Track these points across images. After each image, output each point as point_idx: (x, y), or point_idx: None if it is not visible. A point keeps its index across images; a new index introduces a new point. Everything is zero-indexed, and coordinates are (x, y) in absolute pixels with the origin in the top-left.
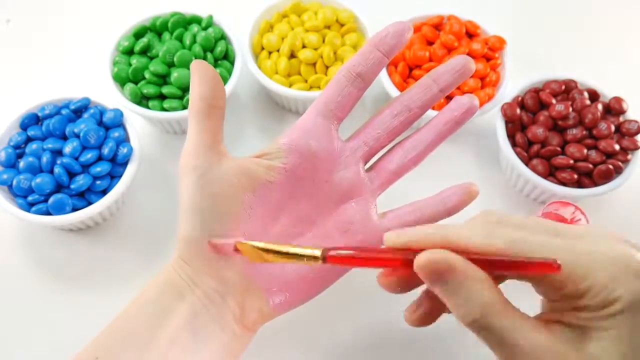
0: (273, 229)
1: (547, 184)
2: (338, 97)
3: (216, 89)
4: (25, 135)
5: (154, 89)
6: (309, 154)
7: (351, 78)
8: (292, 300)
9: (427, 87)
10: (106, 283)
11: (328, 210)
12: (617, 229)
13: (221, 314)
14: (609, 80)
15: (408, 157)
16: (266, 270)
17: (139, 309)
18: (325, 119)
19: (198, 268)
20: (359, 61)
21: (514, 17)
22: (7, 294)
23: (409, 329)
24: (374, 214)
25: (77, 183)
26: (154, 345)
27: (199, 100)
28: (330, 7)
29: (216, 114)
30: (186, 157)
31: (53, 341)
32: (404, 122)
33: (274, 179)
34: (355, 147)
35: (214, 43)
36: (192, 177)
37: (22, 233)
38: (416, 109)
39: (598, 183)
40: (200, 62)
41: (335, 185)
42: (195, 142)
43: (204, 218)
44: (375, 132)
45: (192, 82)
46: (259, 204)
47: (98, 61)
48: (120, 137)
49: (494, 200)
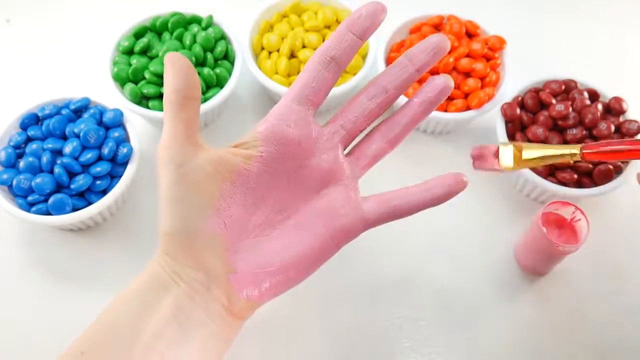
0: (254, 217)
1: (547, 184)
2: (313, 83)
3: (190, 80)
4: (25, 135)
5: (154, 89)
6: (285, 140)
7: (325, 62)
8: (279, 285)
9: (403, 67)
10: (106, 283)
11: (309, 195)
12: (617, 229)
13: (207, 304)
14: (609, 80)
15: (385, 139)
16: (250, 256)
17: (124, 304)
18: (300, 104)
19: (181, 261)
20: (333, 45)
21: (514, 17)
22: (7, 293)
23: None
24: (355, 197)
25: (77, 183)
26: (139, 339)
27: (173, 92)
28: (330, 7)
29: (191, 104)
30: (163, 150)
31: (53, 341)
32: (380, 105)
33: (251, 167)
34: (333, 132)
35: (214, 43)
36: (169, 169)
37: (22, 233)
38: (393, 89)
39: (598, 183)
40: (174, 54)
41: (315, 170)
42: (171, 134)
43: (183, 210)
44: (353, 115)
45: (166, 74)
46: (237, 193)
47: (98, 61)
48: (120, 137)
49: (494, 200)
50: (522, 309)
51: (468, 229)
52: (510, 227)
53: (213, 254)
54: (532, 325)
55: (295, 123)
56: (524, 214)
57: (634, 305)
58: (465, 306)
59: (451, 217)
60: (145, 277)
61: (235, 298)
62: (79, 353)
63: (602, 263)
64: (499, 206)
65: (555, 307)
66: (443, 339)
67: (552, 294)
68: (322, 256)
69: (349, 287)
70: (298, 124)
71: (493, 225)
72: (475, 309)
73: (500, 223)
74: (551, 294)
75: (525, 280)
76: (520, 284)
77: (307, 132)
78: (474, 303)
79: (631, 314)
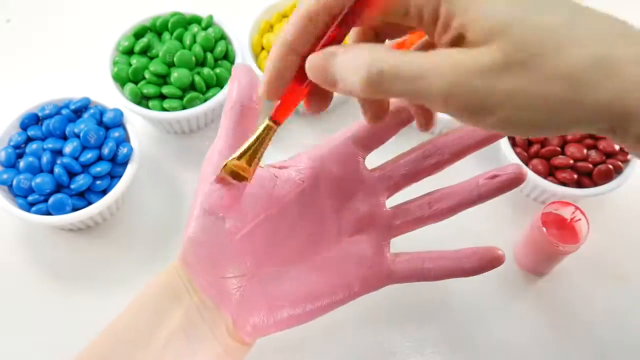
0: (281, 247)
1: (547, 184)
2: (374, 128)
3: (254, 91)
4: (25, 135)
5: (154, 89)
6: (330, 176)
7: (394, 111)
8: (288, 320)
9: (464, 137)
10: (106, 283)
11: (341, 237)
12: (617, 229)
13: (215, 322)
14: None
15: (431, 209)
16: (266, 286)
17: (137, 311)
18: (355, 144)
19: (198, 273)
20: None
21: None
22: (7, 293)
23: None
24: (386, 250)
25: (77, 183)
26: (149, 349)
27: (236, 100)
28: None
29: (251, 115)
30: (213, 155)
31: (53, 341)
32: (434, 165)
33: (290, 193)
34: (380, 179)
35: (214, 43)
36: (212, 178)
37: (22, 233)
38: (449, 155)
39: (598, 183)
40: (242, 65)
41: (353, 213)
42: (226, 141)
43: (213, 223)
44: (404, 169)
45: (231, 81)
46: (271, 216)
47: (98, 61)
48: (120, 137)
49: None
50: (522, 309)
51: (468, 229)
52: (510, 227)
53: (230, 273)
54: (532, 325)
55: (345, 161)
56: (524, 214)
57: (634, 305)
58: (465, 306)
59: (451, 217)
60: (159, 283)
61: (242, 323)
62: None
63: (602, 263)
64: (499, 206)
65: (555, 307)
66: (443, 339)
67: (552, 294)
68: (339, 301)
69: None
70: (347, 164)
71: (493, 225)
72: (475, 309)
73: (500, 223)
74: (551, 294)
75: (525, 280)
76: (520, 284)
77: (353, 173)
78: (474, 303)
79: (631, 314)
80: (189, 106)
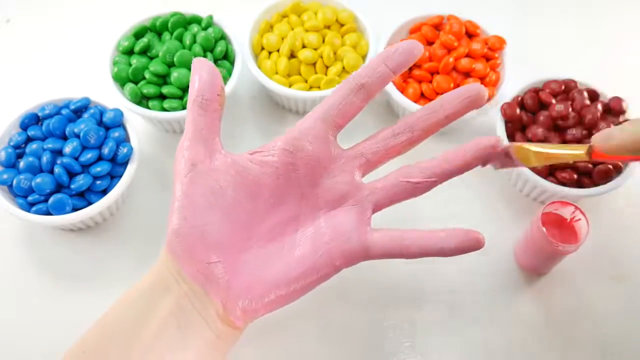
0: (262, 226)
1: (547, 184)
2: (340, 105)
3: (215, 84)
4: (25, 135)
5: (154, 89)
6: (303, 155)
7: (355, 88)
8: (276, 300)
9: (433, 111)
10: (106, 283)
11: (318, 212)
12: (617, 229)
13: (206, 309)
14: (608, 80)
15: (409, 179)
16: (251, 268)
17: (127, 303)
18: (324, 123)
19: (185, 262)
20: (366, 73)
21: (514, 17)
22: (7, 293)
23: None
24: (364, 225)
25: (77, 183)
26: (140, 339)
27: (197, 94)
28: (330, 7)
29: (214, 108)
30: (181, 151)
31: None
32: (404, 143)
33: (265, 176)
34: (353, 156)
35: (214, 43)
36: (186, 170)
37: (22, 233)
38: (419, 131)
39: (598, 183)
40: (201, 59)
41: (329, 190)
42: (191, 135)
43: (193, 211)
44: (375, 146)
45: (192, 77)
46: (248, 199)
47: (98, 61)
48: (120, 137)
49: (493, 199)
50: (522, 309)
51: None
52: (510, 227)
53: (215, 258)
54: (532, 325)
55: (316, 140)
56: (524, 214)
57: (634, 305)
58: (465, 306)
59: (451, 217)
60: (150, 276)
61: (231, 307)
62: (81, 352)
63: (602, 263)
64: (499, 206)
65: (555, 307)
66: (443, 339)
67: (552, 294)
68: (323, 277)
69: (348, 287)
70: (318, 141)
71: (493, 225)
72: (475, 308)
73: (500, 223)
74: (551, 294)
75: (525, 280)
76: (520, 284)
77: (326, 151)
78: (473, 303)
79: (631, 314)
80: None
